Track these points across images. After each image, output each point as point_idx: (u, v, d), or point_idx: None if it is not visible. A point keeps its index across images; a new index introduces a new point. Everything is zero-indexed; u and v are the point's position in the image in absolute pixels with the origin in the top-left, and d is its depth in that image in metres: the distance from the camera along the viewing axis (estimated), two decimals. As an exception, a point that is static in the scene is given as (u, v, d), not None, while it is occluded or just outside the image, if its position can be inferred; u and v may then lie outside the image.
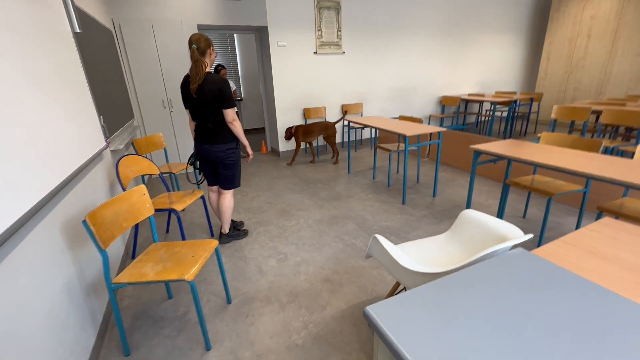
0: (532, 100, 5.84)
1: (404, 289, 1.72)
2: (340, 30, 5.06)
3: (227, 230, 2.56)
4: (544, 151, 2.17)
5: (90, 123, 2.03)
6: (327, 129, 4.50)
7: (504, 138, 5.50)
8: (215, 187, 2.50)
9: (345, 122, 5.60)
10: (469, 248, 1.47)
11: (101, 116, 2.33)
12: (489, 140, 3.74)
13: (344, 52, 5.20)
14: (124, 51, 3.83)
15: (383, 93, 5.83)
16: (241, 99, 7.17)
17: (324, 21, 4.90)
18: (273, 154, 5.40)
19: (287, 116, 5.06)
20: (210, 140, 2.24)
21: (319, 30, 4.90)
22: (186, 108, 2.26)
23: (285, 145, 5.19)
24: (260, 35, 4.93)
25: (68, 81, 1.78)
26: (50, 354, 1.18)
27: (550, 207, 2.97)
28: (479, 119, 7.02)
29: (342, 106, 5.48)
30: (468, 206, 2.61)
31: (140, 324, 1.78)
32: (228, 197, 2.45)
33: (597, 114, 4.00)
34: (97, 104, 2.27)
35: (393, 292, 1.69)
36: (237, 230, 2.65)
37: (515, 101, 5.62)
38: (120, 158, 2.29)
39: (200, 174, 2.50)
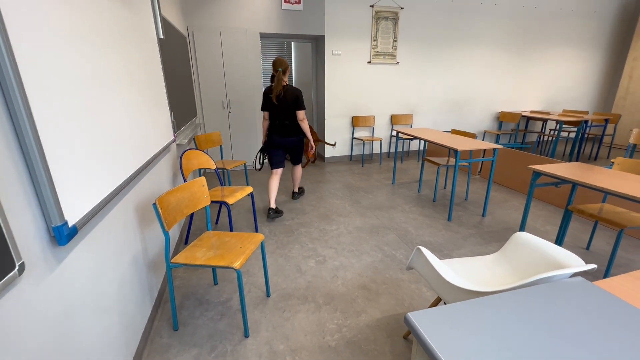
0: (607, 121, 5.27)
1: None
2: (396, 41, 5.05)
3: (297, 190, 3.56)
4: (618, 178, 1.97)
5: (164, 118, 2.29)
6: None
7: (570, 161, 5.02)
8: (279, 170, 3.18)
9: (394, 133, 5.54)
10: (519, 272, 1.39)
11: (172, 113, 2.60)
12: (551, 162, 3.46)
13: (398, 63, 5.17)
14: (194, 55, 4.22)
15: (436, 105, 5.67)
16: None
17: (380, 31, 4.93)
18: (319, 158, 5.51)
19: (335, 123, 5.16)
20: (287, 134, 3.05)
21: (374, 40, 4.94)
22: (264, 110, 3.02)
23: (331, 152, 5.28)
24: (316, 43, 5.11)
25: (151, 81, 2.03)
26: (118, 318, 1.35)
27: (620, 241, 2.65)
28: (541, 139, 6.49)
29: (392, 116, 5.43)
30: (522, 229, 2.44)
31: (188, 304, 1.94)
32: (298, 169, 3.41)
33: (689, 141, 3.49)
34: (170, 101, 2.54)
35: (432, 309, 1.64)
36: (299, 194, 3.64)
37: (586, 121, 5.12)
38: (184, 151, 2.53)
39: (263, 160, 3.23)
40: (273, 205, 3.09)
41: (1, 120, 0.76)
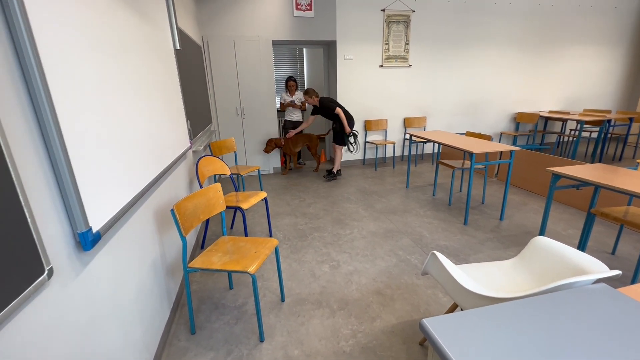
0: (631, 120, 5.06)
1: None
2: (408, 44, 5.03)
3: (335, 167, 4.51)
4: (643, 179, 1.89)
5: (181, 126, 2.35)
6: (310, 139, 4.82)
7: (592, 162, 4.85)
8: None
9: (407, 136, 5.49)
10: (539, 278, 1.35)
11: (189, 120, 2.67)
12: (572, 164, 3.35)
13: (410, 65, 5.14)
14: (208, 64, 4.33)
15: (450, 107, 5.60)
16: (305, 109, 7.48)
17: (392, 35, 4.92)
18: (332, 163, 5.52)
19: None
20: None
21: (386, 44, 4.94)
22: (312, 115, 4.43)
23: (345, 155, 5.28)
24: (328, 49, 5.14)
25: (169, 90, 2.09)
26: (139, 321, 1.39)
27: (649, 246, 2.53)
28: (561, 139, 6.28)
29: (405, 119, 5.40)
30: (542, 233, 2.37)
31: (204, 308, 1.97)
32: (338, 151, 4.49)
33: None
34: (186, 110, 2.61)
35: (449, 315, 1.62)
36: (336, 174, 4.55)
37: (608, 121, 4.93)
38: (200, 158, 2.59)
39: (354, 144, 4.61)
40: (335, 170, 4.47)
41: (32, 133, 0.80)
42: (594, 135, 6.50)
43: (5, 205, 0.67)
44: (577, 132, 4.94)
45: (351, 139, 4.49)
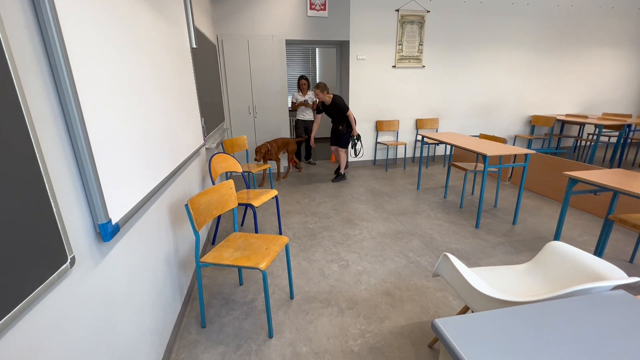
0: (652, 125, 4.89)
1: (472, 316, 1.61)
2: (422, 44, 4.99)
3: (342, 169, 4.43)
4: (665, 186, 1.83)
5: (195, 124, 2.39)
6: (287, 144, 4.60)
7: (610, 167, 4.71)
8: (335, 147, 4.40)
9: (419, 137, 5.45)
10: (553, 284, 1.33)
11: (202, 118, 2.71)
12: (589, 168, 3.26)
13: (423, 66, 5.10)
14: (222, 62, 4.38)
15: (463, 109, 5.52)
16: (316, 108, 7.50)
17: (405, 35, 4.89)
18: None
19: (358, 127, 5.15)
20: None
21: (399, 44, 4.91)
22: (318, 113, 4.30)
23: (355, 155, 5.27)
24: (341, 48, 5.14)
25: (185, 88, 2.13)
26: (151, 312, 1.42)
27: (669, 255, 2.45)
28: (578, 144, 6.13)
29: (417, 120, 5.35)
30: (556, 238, 2.32)
31: (215, 303, 2.00)
32: (342, 154, 4.37)
33: None
34: (200, 107, 2.65)
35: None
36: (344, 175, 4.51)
37: (629, 125, 4.79)
38: (213, 155, 2.62)
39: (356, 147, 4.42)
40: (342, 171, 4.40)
41: (59, 129, 0.84)
42: (613, 140, 6.32)
43: (33, 195, 0.70)
44: (595, 137, 4.82)
45: (358, 144, 4.42)
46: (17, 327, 0.67)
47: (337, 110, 4.07)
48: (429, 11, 4.85)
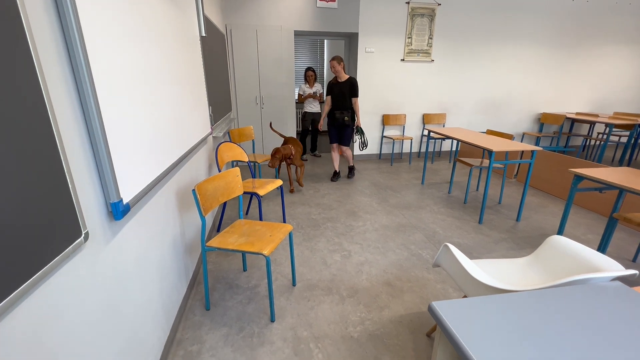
0: (665, 125, 4.81)
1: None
2: (431, 38, 4.93)
3: (351, 163, 4.24)
4: (672, 185, 1.82)
5: (203, 112, 2.42)
6: (296, 143, 3.72)
7: (620, 166, 4.66)
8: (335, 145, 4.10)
9: (425, 132, 5.42)
10: (553, 276, 1.34)
11: (210, 107, 2.74)
12: (597, 167, 3.24)
13: (432, 60, 5.05)
14: (231, 52, 4.39)
15: (471, 105, 5.48)
16: (323, 101, 7.49)
17: (415, 28, 4.84)
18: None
19: (365, 120, 5.14)
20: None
21: (409, 38, 4.86)
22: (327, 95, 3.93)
23: (360, 149, 5.27)
24: (349, 40, 5.11)
25: (194, 76, 2.16)
26: (158, 292, 1.47)
27: (673, 255, 2.44)
28: (587, 143, 6.05)
29: (424, 115, 5.32)
30: (559, 234, 2.32)
31: (219, 287, 2.05)
32: (347, 150, 4.11)
33: None
34: (208, 96, 2.68)
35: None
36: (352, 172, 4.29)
37: (640, 125, 4.71)
38: (220, 144, 2.66)
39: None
40: (350, 163, 4.23)
41: (75, 111, 0.87)
42: (624, 139, 6.22)
43: (52, 171, 0.73)
44: (605, 136, 4.75)
45: (363, 137, 4.12)
46: (41, 290, 0.72)
47: (348, 91, 3.75)
48: (440, 4, 4.78)
